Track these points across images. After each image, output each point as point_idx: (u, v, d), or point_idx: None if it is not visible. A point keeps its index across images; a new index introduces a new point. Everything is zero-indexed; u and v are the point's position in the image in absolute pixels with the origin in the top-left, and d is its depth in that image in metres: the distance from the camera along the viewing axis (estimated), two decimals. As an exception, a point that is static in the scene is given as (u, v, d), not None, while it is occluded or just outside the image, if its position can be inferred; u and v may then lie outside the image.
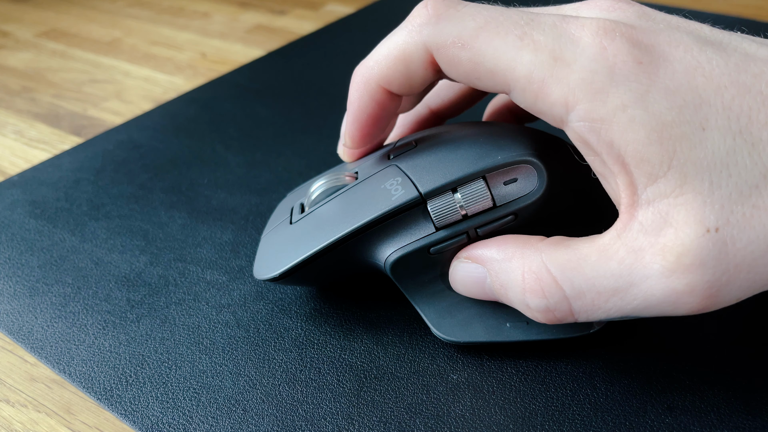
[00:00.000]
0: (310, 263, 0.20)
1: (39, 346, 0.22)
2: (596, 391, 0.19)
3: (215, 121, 0.35)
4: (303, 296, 0.23)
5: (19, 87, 0.42)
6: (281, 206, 0.23)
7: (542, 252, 0.17)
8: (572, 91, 0.15)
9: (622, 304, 0.16)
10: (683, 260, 0.14)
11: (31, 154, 0.34)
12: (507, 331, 0.19)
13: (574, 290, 0.16)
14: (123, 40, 0.48)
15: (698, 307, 0.15)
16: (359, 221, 0.19)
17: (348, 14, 0.49)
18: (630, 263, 0.15)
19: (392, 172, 0.19)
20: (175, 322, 0.22)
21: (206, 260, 0.25)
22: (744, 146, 0.14)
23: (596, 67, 0.15)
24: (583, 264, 0.16)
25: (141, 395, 0.20)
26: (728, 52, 0.15)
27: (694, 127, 0.14)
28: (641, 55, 0.15)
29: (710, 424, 0.18)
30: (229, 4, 0.54)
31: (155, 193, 0.29)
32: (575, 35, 0.16)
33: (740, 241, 0.14)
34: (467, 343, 0.20)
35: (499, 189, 0.18)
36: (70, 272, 0.25)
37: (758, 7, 0.47)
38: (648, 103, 0.15)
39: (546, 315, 0.17)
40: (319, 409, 0.19)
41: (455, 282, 0.19)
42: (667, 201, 0.15)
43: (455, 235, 0.19)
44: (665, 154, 0.15)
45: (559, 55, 0.15)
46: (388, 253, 0.19)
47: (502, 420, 0.18)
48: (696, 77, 0.15)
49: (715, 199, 0.14)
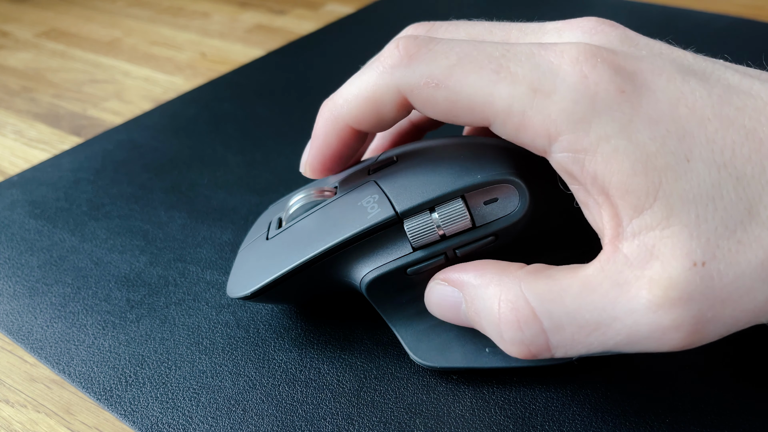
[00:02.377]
0: (283, 282, 0.19)
1: (39, 346, 0.22)
2: (596, 392, 0.19)
3: (215, 121, 0.35)
4: (303, 296, 0.23)
5: (19, 87, 0.42)
6: (260, 219, 0.23)
7: (521, 280, 0.16)
8: (554, 123, 0.15)
9: (604, 339, 0.15)
10: (670, 294, 0.14)
11: (31, 154, 0.34)
12: (486, 357, 0.19)
13: (553, 323, 0.15)
14: (123, 40, 0.48)
15: (683, 343, 0.15)
16: (333, 240, 0.18)
17: (348, 14, 0.49)
18: (614, 296, 0.15)
19: (370, 188, 0.19)
20: (175, 322, 0.22)
21: (206, 260, 0.25)
22: (729, 180, 0.14)
23: (577, 97, 0.15)
24: (564, 295, 0.15)
25: (141, 395, 0.19)
26: (711, 83, 0.15)
27: (678, 158, 0.14)
28: (623, 83, 0.15)
29: (710, 424, 0.18)
30: (228, 4, 0.54)
31: (155, 193, 0.29)
32: (554, 64, 0.15)
33: (726, 276, 0.14)
34: (444, 369, 0.19)
35: (478, 209, 0.18)
36: (69, 272, 0.25)
37: (758, 7, 0.47)
38: (631, 132, 0.14)
39: (520, 349, 0.16)
40: (319, 409, 0.19)
41: (430, 304, 0.18)
42: (653, 233, 0.14)
43: (433, 255, 0.18)
44: (651, 186, 0.14)
45: (538, 86, 0.15)
46: (364, 272, 0.19)
47: (502, 420, 0.18)
48: (679, 108, 0.15)
49: (702, 233, 0.14)
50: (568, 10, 0.46)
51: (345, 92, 0.18)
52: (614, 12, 0.46)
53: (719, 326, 0.14)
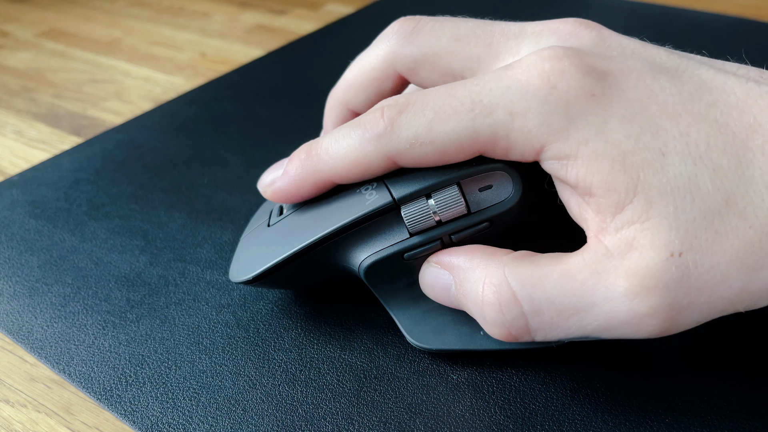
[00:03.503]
0: (284, 267, 0.20)
1: (39, 346, 0.22)
2: (596, 391, 0.19)
3: (215, 121, 0.35)
4: (303, 296, 0.23)
5: (19, 87, 0.42)
6: (262, 208, 0.23)
7: (505, 265, 0.17)
8: (536, 137, 0.16)
9: (582, 324, 0.16)
10: (647, 282, 0.15)
11: (31, 154, 0.34)
12: (480, 340, 0.19)
13: (533, 306, 0.16)
14: (123, 40, 0.48)
15: (659, 329, 0.15)
16: (332, 226, 0.19)
17: (348, 14, 0.49)
18: (593, 284, 0.15)
19: None
20: (175, 322, 0.22)
21: (206, 260, 0.25)
22: (705, 171, 0.14)
23: (551, 109, 0.15)
24: (545, 281, 0.16)
25: (141, 395, 0.20)
26: (683, 80, 0.16)
27: (654, 153, 0.15)
28: (593, 86, 0.15)
29: (710, 424, 0.18)
30: (229, 4, 0.54)
31: (155, 193, 0.29)
32: (522, 81, 0.16)
33: (702, 266, 0.14)
34: (439, 351, 0.20)
35: (473, 195, 0.18)
36: (69, 272, 0.25)
37: (758, 7, 0.47)
38: (607, 133, 0.15)
39: (501, 330, 0.17)
40: (319, 409, 0.19)
41: (424, 285, 0.19)
42: (634, 227, 0.15)
43: (429, 241, 0.18)
44: (630, 182, 0.15)
45: (512, 108, 0.16)
46: (362, 258, 0.19)
47: (502, 420, 0.18)
48: (650, 105, 0.15)
49: (680, 224, 0.14)
50: (568, 9, 0.46)
51: (330, 149, 0.18)
52: (614, 12, 0.46)
53: (695, 313, 0.15)
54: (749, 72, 0.16)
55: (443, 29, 0.19)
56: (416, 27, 0.19)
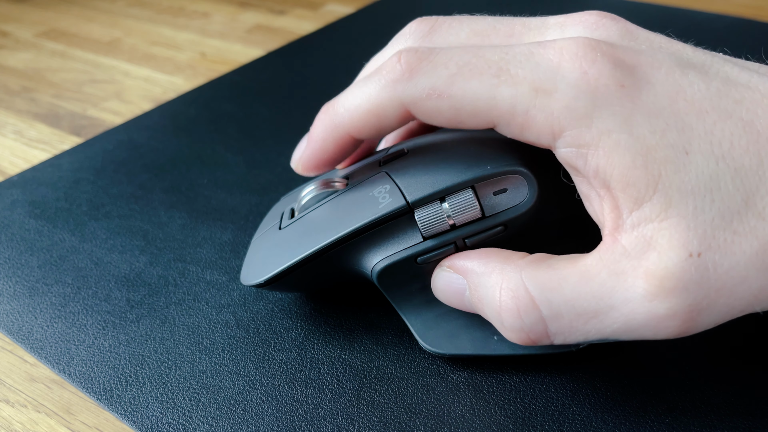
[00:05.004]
0: (296, 270, 0.19)
1: (39, 346, 0.22)
2: (596, 391, 0.19)
3: (215, 121, 0.35)
4: (303, 296, 0.23)
5: (18, 87, 0.42)
6: (273, 210, 0.23)
7: (522, 269, 0.16)
8: (557, 120, 0.15)
9: (601, 326, 0.15)
10: (666, 284, 0.14)
11: (31, 154, 0.34)
12: (494, 345, 0.19)
13: (552, 311, 0.16)
14: (123, 40, 0.48)
15: (678, 331, 0.15)
16: (345, 229, 0.19)
17: (348, 14, 0.49)
18: (612, 286, 0.15)
19: (381, 179, 0.19)
20: (175, 322, 0.22)
21: (206, 260, 0.25)
22: (727, 171, 0.14)
23: (578, 93, 0.15)
24: (563, 284, 0.16)
25: (141, 395, 0.19)
26: (710, 75, 0.15)
27: (677, 151, 0.14)
28: (623, 77, 0.15)
29: (710, 424, 0.18)
30: (228, 4, 0.54)
31: (155, 193, 0.29)
32: (553, 61, 0.15)
33: (722, 266, 0.14)
34: (453, 356, 0.19)
35: (488, 199, 0.18)
36: (69, 272, 0.25)
37: (758, 7, 0.47)
38: (632, 126, 0.15)
39: (520, 335, 0.16)
40: (319, 409, 0.19)
41: (436, 290, 0.19)
42: (651, 225, 0.15)
43: (443, 245, 0.18)
44: (651, 178, 0.14)
45: (539, 85, 0.15)
46: (375, 261, 0.19)
47: (502, 420, 0.18)
48: (678, 101, 0.15)
49: (699, 224, 0.14)
50: (569, 9, 0.46)
51: (346, 102, 0.18)
52: (614, 11, 0.46)
53: (714, 315, 0.15)
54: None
55: (461, 26, 0.19)
56: (434, 26, 0.19)
